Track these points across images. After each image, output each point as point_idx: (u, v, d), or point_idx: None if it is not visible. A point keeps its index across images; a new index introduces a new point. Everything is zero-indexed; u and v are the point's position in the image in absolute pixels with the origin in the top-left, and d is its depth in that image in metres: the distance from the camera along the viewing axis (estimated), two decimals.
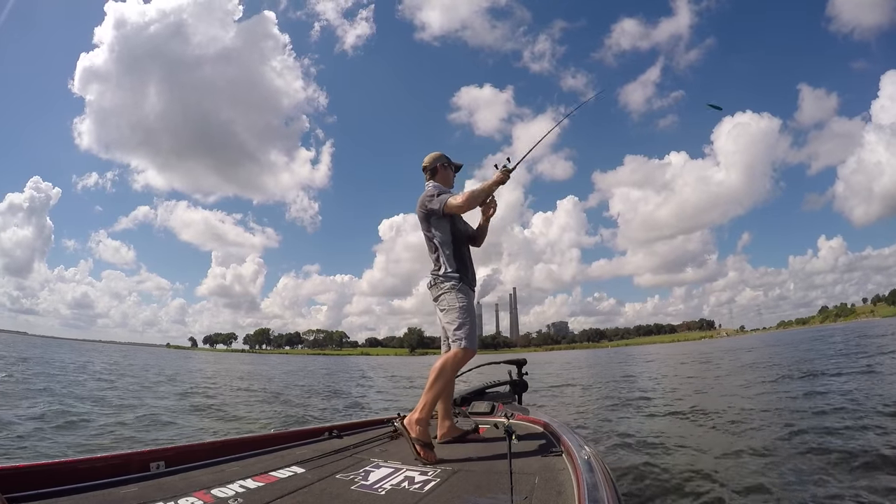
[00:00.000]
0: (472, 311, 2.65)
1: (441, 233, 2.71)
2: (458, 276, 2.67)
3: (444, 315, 2.65)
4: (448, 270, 2.67)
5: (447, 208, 2.64)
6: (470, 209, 2.68)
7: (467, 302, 2.64)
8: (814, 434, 4.86)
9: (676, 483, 3.79)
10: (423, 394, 2.48)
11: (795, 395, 7.69)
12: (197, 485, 1.66)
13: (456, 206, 2.63)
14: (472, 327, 2.58)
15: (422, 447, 2.25)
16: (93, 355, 33.45)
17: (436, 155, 2.93)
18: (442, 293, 2.66)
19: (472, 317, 2.62)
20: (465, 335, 2.54)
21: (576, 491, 1.54)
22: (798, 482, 3.56)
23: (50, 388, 9.80)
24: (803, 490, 3.40)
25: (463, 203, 2.63)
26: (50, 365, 18.08)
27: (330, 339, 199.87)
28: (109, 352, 50.86)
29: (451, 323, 2.58)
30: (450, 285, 2.65)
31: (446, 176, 2.91)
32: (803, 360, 14.53)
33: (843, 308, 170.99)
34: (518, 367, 3.89)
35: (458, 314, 2.59)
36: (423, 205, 2.73)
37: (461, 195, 2.66)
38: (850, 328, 57.31)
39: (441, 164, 2.90)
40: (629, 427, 6.14)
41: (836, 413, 5.81)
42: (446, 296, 2.64)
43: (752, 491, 3.48)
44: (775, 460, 4.12)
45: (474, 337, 2.57)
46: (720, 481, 3.71)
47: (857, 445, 4.28)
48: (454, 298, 2.62)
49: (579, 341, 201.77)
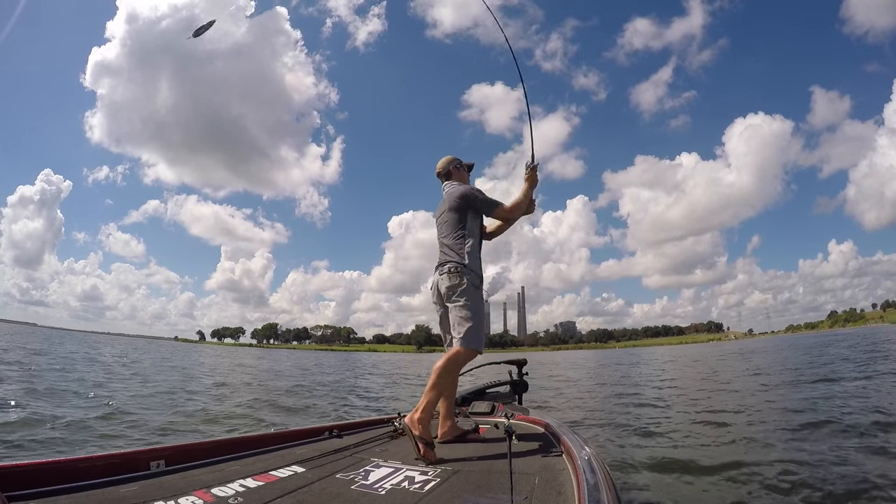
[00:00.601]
0: (484, 310, 2.70)
1: (473, 227, 2.76)
2: (480, 273, 2.71)
3: (457, 310, 2.61)
4: (471, 263, 2.68)
5: (500, 212, 2.78)
6: (519, 217, 2.83)
7: (482, 300, 2.69)
8: (841, 451, 4.24)
9: (677, 484, 3.77)
10: (425, 393, 2.47)
11: (814, 400, 7.26)
12: (197, 484, 1.66)
13: (506, 213, 2.78)
14: (482, 327, 2.59)
15: (424, 445, 2.26)
16: (128, 351, 33.44)
17: (448, 159, 3.00)
18: (461, 287, 2.63)
19: (483, 316, 2.65)
20: (475, 334, 2.55)
21: (576, 491, 1.53)
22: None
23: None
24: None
25: (514, 211, 2.78)
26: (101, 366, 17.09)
27: (337, 335, 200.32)
28: (130, 344, 51.64)
29: (466, 320, 2.57)
30: (470, 279, 2.64)
31: (462, 177, 2.98)
32: (823, 364, 14.17)
33: (853, 313, 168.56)
34: (518, 368, 3.88)
35: (472, 311, 2.59)
36: (468, 197, 2.77)
37: (511, 205, 2.78)
38: (861, 333, 56.31)
39: (454, 167, 2.98)
40: (629, 427, 6.09)
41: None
42: (466, 290, 2.62)
43: (753, 493, 3.45)
44: (784, 469, 3.94)
45: (482, 337, 2.58)
46: (722, 484, 3.68)
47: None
48: (473, 295, 2.62)
49: (587, 341, 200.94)
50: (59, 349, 25.38)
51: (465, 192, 2.79)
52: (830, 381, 9.42)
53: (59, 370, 12.69)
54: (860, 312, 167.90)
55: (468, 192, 2.80)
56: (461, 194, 2.79)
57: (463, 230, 2.73)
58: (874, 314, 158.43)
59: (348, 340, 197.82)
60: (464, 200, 2.76)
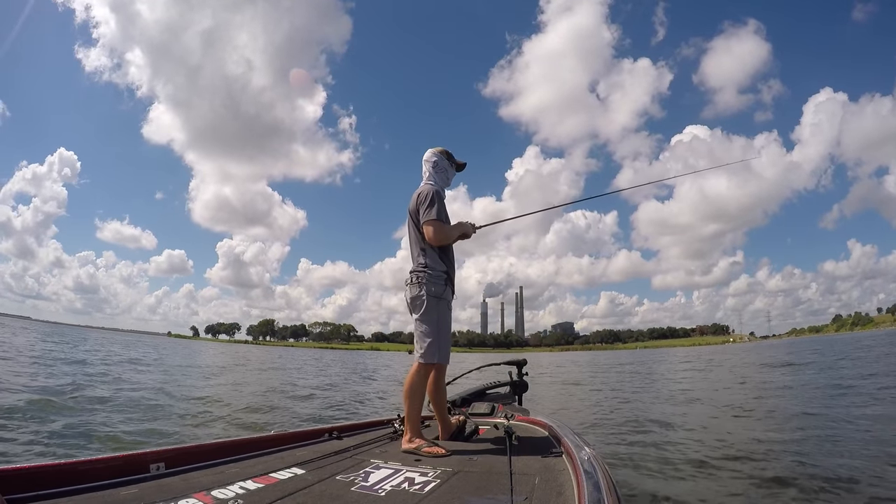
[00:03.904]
0: (446, 320, 2.57)
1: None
2: (446, 274, 2.59)
3: (417, 324, 2.54)
4: (431, 270, 2.57)
5: (425, 231, 2.57)
6: (440, 245, 2.61)
7: (446, 310, 2.57)
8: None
9: (677, 484, 3.77)
10: (406, 420, 2.48)
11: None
12: (197, 486, 1.66)
13: (430, 237, 2.57)
14: (443, 340, 2.51)
15: (427, 448, 2.29)
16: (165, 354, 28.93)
17: (438, 150, 2.80)
18: (420, 298, 2.53)
19: (444, 328, 2.54)
20: (433, 349, 2.49)
21: (576, 492, 1.53)
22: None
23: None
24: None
25: (435, 240, 2.57)
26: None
27: (337, 333, 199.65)
28: (147, 343, 48.99)
29: (425, 335, 2.50)
30: (429, 289, 2.53)
31: (445, 175, 2.79)
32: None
33: (859, 317, 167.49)
34: (518, 368, 3.87)
35: (431, 325, 2.51)
36: (417, 207, 2.64)
37: (438, 231, 2.57)
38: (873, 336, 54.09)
39: (441, 161, 2.78)
40: (631, 427, 6.10)
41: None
42: (425, 302, 2.52)
43: (754, 495, 3.44)
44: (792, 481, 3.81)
45: (445, 350, 2.51)
46: (723, 486, 3.68)
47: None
48: (434, 307, 2.53)
49: (592, 342, 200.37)
50: (89, 349, 23.06)
51: (416, 195, 2.67)
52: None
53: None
54: (866, 316, 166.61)
55: (418, 194, 2.66)
56: (414, 199, 2.66)
57: (422, 234, 2.61)
58: (884, 318, 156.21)
59: (348, 338, 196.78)
60: (413, 203, 2.65)
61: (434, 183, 2.72)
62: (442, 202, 2.65)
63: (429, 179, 2.74)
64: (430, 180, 2.74)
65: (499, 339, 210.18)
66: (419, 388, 2.52)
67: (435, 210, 2.56)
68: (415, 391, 2.51)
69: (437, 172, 2.75)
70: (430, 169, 2.76)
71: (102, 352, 21.85)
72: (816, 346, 40.03)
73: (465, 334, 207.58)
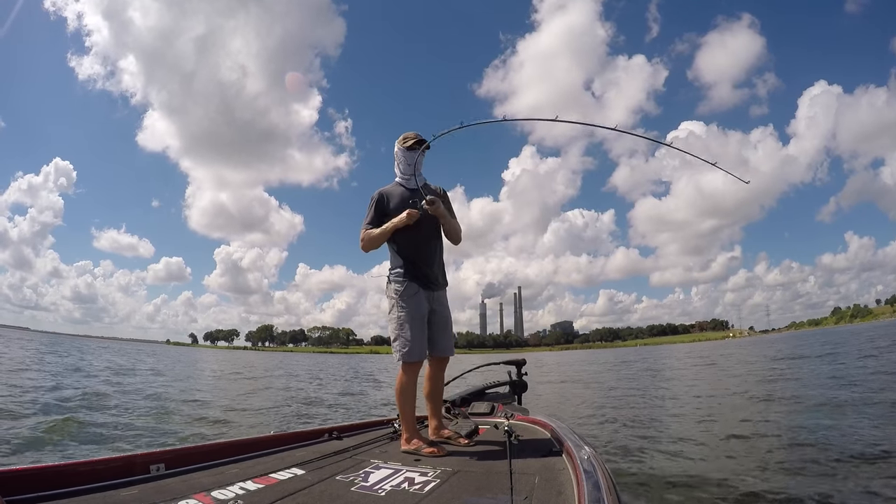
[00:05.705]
0: (414, 313, 2.49)
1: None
2: (403, 268, 2.55)
3: (389, 326, 2.53)
4: (393, 270, 2.58)
5: (361, 240, 2.56)
6: (368, 251, 2.55)
7: (410, 304, 2.50)
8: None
9: (678, 485, 3.76)
10: (401, 421, 2.50)
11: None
12: (197, 487, 1.66)
13: (361, 243, 2.56)
14: (403, 338, 2.46)
15: (427, 448, 2.29)
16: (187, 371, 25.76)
17: (402, 136, 2.67)
18: (388, 300, 2.53)
19: (409, 324, 2.47)
20: (399, 349, 2.48)
21: (576, 491, 1.52)
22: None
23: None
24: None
25: (362, 247, 2.56)
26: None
27: (336, 337, 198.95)
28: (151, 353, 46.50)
29: (393, 338, 2.50)
30: (391, 290, 2.53)
31: (403, 161, 2.63)
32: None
33: (858, 309, 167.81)
34: (518, 368, 3.86)
35: (395, 325, 2.49)
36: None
37: (361, 239, 2.54)
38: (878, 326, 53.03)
39: (397, 150, 2.65)
40: (631, 428, 6.11)
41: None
42: (391, 304, 2.52)
43: (753, 496, 3.44)
44: (792, 477, 3.82)
45: (409, 348, 2.45)
46: (723, 487, 3.66)
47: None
48: (397, 307, 2.51)
49: (592, 341, 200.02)
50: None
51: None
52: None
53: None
54: (866, 308, 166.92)
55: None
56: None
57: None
58: (884, 309, 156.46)
59: (347, 343, 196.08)
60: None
61: (398, 175, 2.67)
62: (378, 203, 2.58)
63: (399, 173, 2.70)
64: (397, 173, 2.69)
65: (498, 339, 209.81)
66: (407, 388, 2.51)
67: (366, 217, 2.57)
68: (403, 392, 2.51)
69: (398, 164, 2.67)
70: (396, 156, 2.70)
71: (100, 364, 20.60)
72: (823, 338, 39.35)
73: (464, 335, 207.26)
